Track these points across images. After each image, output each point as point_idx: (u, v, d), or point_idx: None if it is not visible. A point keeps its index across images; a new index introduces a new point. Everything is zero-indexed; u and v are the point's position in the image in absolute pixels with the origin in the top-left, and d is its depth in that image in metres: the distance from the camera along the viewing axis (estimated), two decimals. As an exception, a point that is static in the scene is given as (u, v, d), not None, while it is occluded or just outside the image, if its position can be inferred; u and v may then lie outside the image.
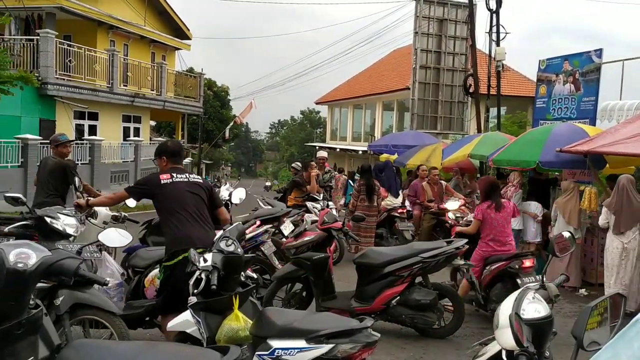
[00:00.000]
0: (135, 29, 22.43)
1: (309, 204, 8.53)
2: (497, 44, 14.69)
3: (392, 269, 5.35)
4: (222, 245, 3.58)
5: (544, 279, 2.76)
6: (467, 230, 6.36)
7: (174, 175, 4.27)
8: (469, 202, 9.70)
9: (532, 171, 9.23)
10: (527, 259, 5.88)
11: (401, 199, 10.17)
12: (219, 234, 3.80)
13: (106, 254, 5.04)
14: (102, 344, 2.43)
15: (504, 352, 2.34)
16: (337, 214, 8.28)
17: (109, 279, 4.17)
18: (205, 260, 3.48)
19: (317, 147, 31.74)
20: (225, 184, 10.07)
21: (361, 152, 25.95)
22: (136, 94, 21.04)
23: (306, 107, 71.72)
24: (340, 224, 5.97)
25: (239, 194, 7.78)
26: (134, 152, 20.33)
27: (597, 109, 10.52)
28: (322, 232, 5.77)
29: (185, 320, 3.46)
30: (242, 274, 3.93)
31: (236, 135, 45.04)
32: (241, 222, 6.02)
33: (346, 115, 32.60)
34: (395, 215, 9.62)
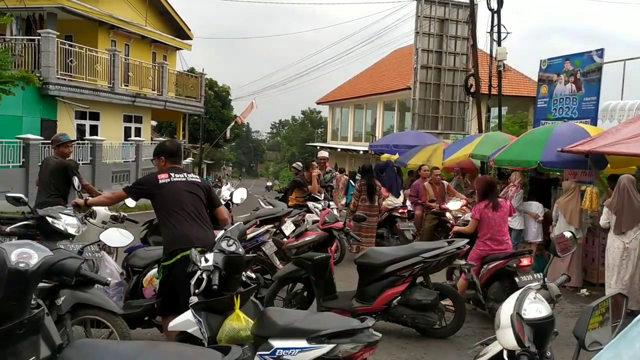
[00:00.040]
0: (136, 29, 22.45)
1: (310, 204, 8.52)
2: (498, 44, 14.67)
3: (393, 269, 5.36)
4: (224, 245, 3.58)
5: (546, 279, 2.76)
6: (464, 229, 6.39)
7: (172, 174, 4.28)
8: (470, 202, 9.69)
9: (533, 171, 9.23)
10: (525, 257, 5.95)
11: (402, 199, 10.17)
12: (221, 234, 3.80)
13: (105, 254, 5.05)
14: (103, 343, 2.43)
15: (506, 352, 2.35)
16: (338, 214, 8.28)
17: (110, 279, 4.18)
18: (206, 260, 3.48)
19: (318, 147, 31.72)
20: (226, 184, 10.06)
21: (362, 152, 25.94)
22: (137, 94, 21.05)
23: (307, 107, 71.77)
24: (341, 224, 5.97)
25: (240, 194, 7.79)
26: (135, 152, 20.34)
27: (599, 109, 10.51)
28: (323, 232, 5.78)
29: (186, 320, 3.47)
30: (244, 273, 3.93)
31: (237, 135, 45.01)
32: (242, 222, 6.02)
33: (347, 115, 32.59)
34: (396, 215, 9.63)
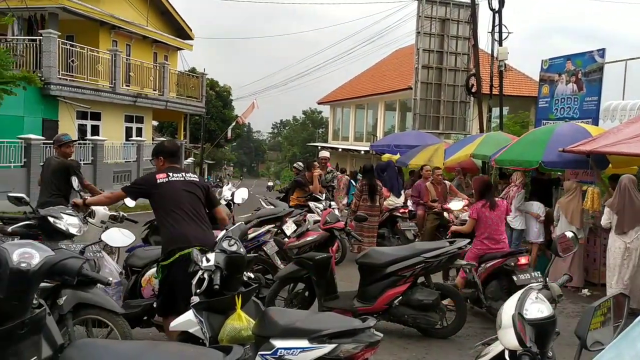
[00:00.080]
0: (137, 29, 22.46)
1: (312, 204, 8.52)
2: (500, 44, 14.67)
3: (394, 269, 5.35)
4: (225, 245, 3.59)
5: (547, 279, 2.75)
6: (462, 229, 6.45)
7: (170, 174, 4.30)
8: (472, 202, 9.68)
9: (535, 171, 9.22)
10: (523, 256, 6.02)
11: (403, 199, 10.17)
12: (222, 234, 3.80)
13: (105, 253, 5.06)
14: (105, 343, 2.43)
15: (507, 352, 2.34)
16: (339, 214, 8.28)
17: (111, 279, 4.18)
18: (207, 260, 3.48)
19: (319, 147, 31.71)
20: (227, 184, 10.08)
21: (363, 152, 25.93)
22: (138, 94, 21.07)
23: (308, 107, 71.85)
24: (342, 224, 5.97)
25: (241, 194, 7.80)
26: (136, 152, 20.37)
27: (600, 108, 10.50)
28: (325, 232, 5.78)
29: (187, 320, 3.47)
30: (245, 273, 3.93)
31: (238, 135, 44.99)
32: (244, 222, 6.02)
33: (348, 115, 32.58)
34: (397, 215, 9.63)
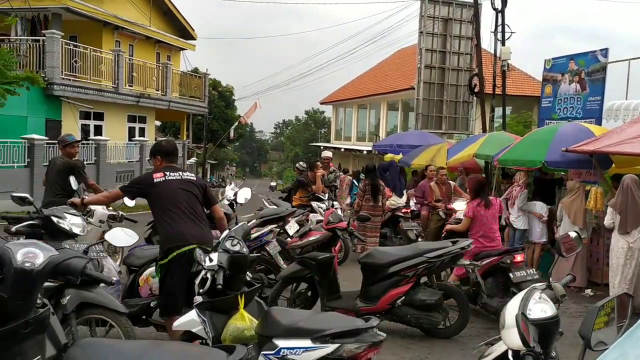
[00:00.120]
0: (140, 30, 22.50)
1: (314, 204, 8.53)
2: (502, 44, 14.64)
3: (397, 269, 5.35)
4: (228, 244, 3.59)
5: (550, 279, 2.75)
6: (458, 228, 6.54)
7: (167, 173, 4.33)
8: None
9: (538, 171, 9.21)
10: (518, 253, 6.09)
11: (405, 199, 10.16)
12: (225, 233, 3.80)
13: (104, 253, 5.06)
14: (108, 343, 2.43)
15: (510, 352, 2.34)
16: (342, 213, 8.28)
17: (115, 278, 4.19)
18: (210, 259, 3.49)
19: (321, 147, 31.73)
20: (230, 184, 10.08)
21: (366, 152, 25.93)
22: (141, 94, 21.10)
23: (311, 107, 71.77)
24: (345, 223, 5.97)
25: (244, 194, 7.80)
26: (139, 152, 20.40)
27: (603, 108, 10.48)
28: (327, 231, 5.77)
29: (190, 319, 3.48)
30: (247, 273, 3.94)
31: (241, 135, 45.06)
32: (246, 222, 6.03)
33: (351, 115, 32.57)
34: (399, 215, 9.62)
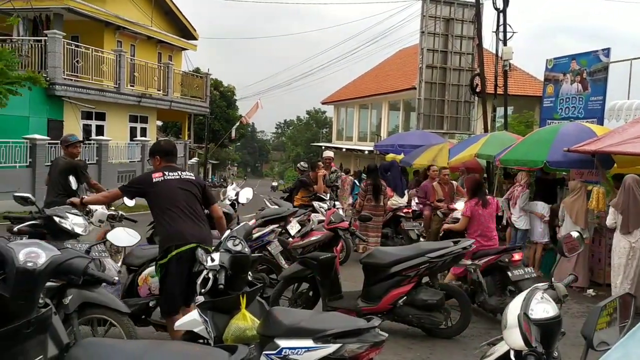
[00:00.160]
0: (142, 30, 22.52)
1: (316, 204, 8.53)
2: (504, 43, 14.62)
3: (398, 269, 5.34)
4: (230, 244, 3.59)
5: (553, 279, 2.74)
6: (455, 227, 6.57)
7: (166, 173, 4.34)
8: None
9: (540, 171, 9.20)
10: (516, 252, 6.12)
11: (406, 199, 10.16)
12: (227, 233, 3.80)
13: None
14: (110, 342, 2.43)
15: (512, 352, 2.33)
16: (343, 214, 8.28)
17: (116, 278, 4.19)
18: (212, 259, 3.49)
19: (323, 147, 31.72)
20: (231, 184, 10.09)
21: (367, 152, 25.92)
22: (143, 94, 21.12)
23: (312, 107, 71.82)
24: (346, 223, 5.97)
25: (246, 194, 7.81)
26: (140, 152, 20.42)
27: (605, 108, 10.47)
28: (329, 231, 5.77)
29: (192, 319, 3.48)
30: (249, 273, 3.94)
31: (242, 135, 45.10)
32: (248, 222, 6.02)
33: (352, 115, 32.57)
34: (400, 215, 9.61)
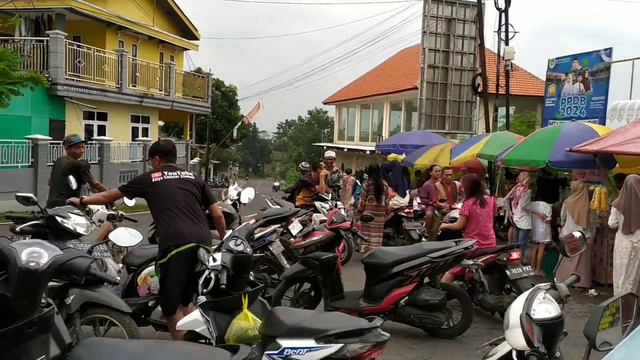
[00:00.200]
0: (143, 30, 22.53)
1: (318, 204, 8.53)
2: (506, 43, 14.59)
3: (400, 269, 5.34)
4: (232, 244, 3.59)
5: (555, 279, 2.74)
6: (453, 226, 6.60)
7: (165, 173, 4.34)
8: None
9: (542, 171, 9.19)
10: (514, 251, 6.15)
11: (408, 199, 10.15)
12: (229, 233, 3.81)
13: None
14: (112, 342, 2.43)
15: (515, 353, 2.33)
16: (345, 214, 8.28)
17: (118, 278, 4.20)
18: (214, 259, 3.49)
19: (324, 147, 31.75)
20: (233, 184, 10.10)
21: (369, 152, 25.92)
22: (145, 94, 21.13)
23: (314, 107, 71.85)
24: (348, 223, 5.97)
25: (248, 194, 7.82)
26: (142, 152, 20.41)
27: (607, 108, 10.45)
28: (331, 231, 5.77)
29: (194, 319, 3.48)
30: (251, 273, 3.94)
31: (244, 135, 45.14)
32: (250, 222, 6.03)
33: (354, 115, 32.57)
34: (402, 215, 9.61)
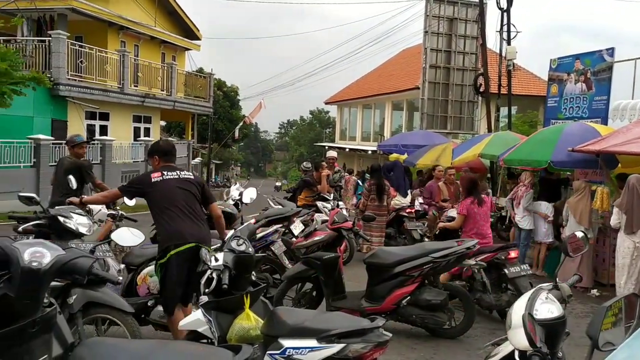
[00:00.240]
0: (145, 30, 22.55)
1: (320, 204, 8.53)
2: (508, 43, 14.58)
3: (402, 269, 5.34)
4: (233, 244, 3.60)
5: (557, 279, 2.74)
6: (451, 225, 6.63)
7: (164, 173, 4.35)
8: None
9: (544, 171, 9.18)
10: (512, 250, 6.17)
11: (410, 199, 10.15)
12: (231, 233, 3.81)
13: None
14: (114, 342, 2.43)
15: (517, 353, 2.33)
16: (347, 214, 8.27)
17: (120, 278, 4.20)
18: (216, 259, 3.49)
19: (326, 147, 31.73)
20: (235, 184, 10.10)
21: (370, 152, 25.91)
22: (146, 95, 21.15)
23: (315, 107, 71.94)
24: (350, 223, 5.97)
25: (249, 194, 7.82)
26: (144, 152, 20.41)
27: (609, 108, 10.44)
28: (332, 231, 5.77)
29: (196, 319, 3.49)
30: (253, 273, 3.94)
31: (245, 135, 45.13)
32: (251, 222, 6.03)
33: (355, 115, 32.56)
34: (403, 215, 9.61)
